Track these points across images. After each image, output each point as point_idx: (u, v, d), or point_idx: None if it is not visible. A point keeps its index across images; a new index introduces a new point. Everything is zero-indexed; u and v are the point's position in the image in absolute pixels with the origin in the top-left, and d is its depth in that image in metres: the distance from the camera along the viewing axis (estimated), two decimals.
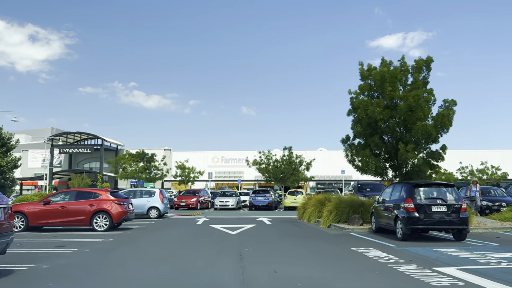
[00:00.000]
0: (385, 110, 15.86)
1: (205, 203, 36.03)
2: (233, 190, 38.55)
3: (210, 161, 71.33)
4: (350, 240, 13.79)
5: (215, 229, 17.45)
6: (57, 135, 67.34)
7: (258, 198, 33.71)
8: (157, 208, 23.99)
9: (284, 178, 38.32)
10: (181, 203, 33.97)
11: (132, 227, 18.41)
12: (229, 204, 34.07)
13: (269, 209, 33.92)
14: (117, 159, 44.68)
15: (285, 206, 34.23)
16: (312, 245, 12.53)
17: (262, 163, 39.15)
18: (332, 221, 17.60)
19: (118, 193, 18.03)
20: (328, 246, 12.36)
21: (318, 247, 12.10)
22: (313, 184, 70.67)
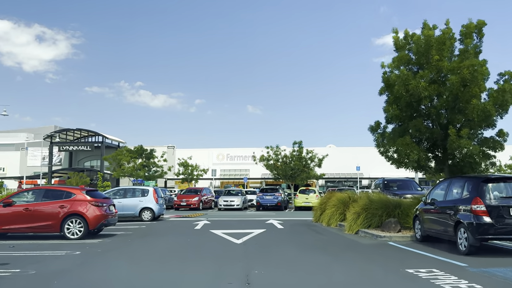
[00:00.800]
0: (431, 86, 12.27)
1: (208, 202, 32.59)
2: (239, 189, 35.10)
3: (215, 158, 67.86)
4: (396, 254, 10.23)
5: (216, 236, 13.96)
6: (56, 132, 64.17)
7: (266, 197, 30.19)
8: (150, 209, 20.54)
9: (294, 175, 34.80)
10: (182, 203, 30.53)
11: (116, 233, 14.95)
12: (234, 204, 30.59)
13: (278, 209, 30.41)
14: (113, 155, 41.28)
15: (295, 206, 30.71)
16: (348, 264, 8.97)
17: (270, 159, 35.63)
18: (360, 226, 14.05)
19: (97, 193, 14.55)
20: (371, 266, 8.75)
21: (358, 268, 8.52)
22: (322, 182, 67.06)
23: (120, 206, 20.36)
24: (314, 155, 35.39)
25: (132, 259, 9.79)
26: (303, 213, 26.23)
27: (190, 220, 21.29)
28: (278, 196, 30.24)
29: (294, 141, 35.79)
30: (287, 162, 34.88)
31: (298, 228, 16.56)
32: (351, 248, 11.34)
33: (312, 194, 30.59)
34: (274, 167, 35.35)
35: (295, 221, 20.12)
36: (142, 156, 39.96)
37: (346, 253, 10.54)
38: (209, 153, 67.88)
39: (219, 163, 67.72)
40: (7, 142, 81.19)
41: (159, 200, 21.12)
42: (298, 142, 35.75)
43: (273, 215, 24.90)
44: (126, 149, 42.33)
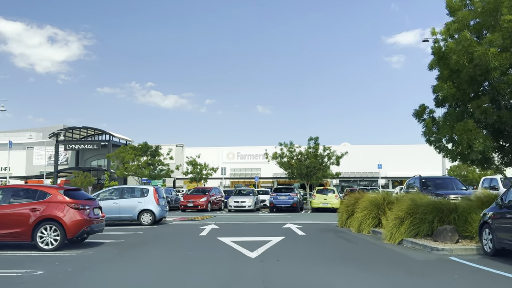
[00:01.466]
0: (502, 54, 9.37)
1: (217, 203, 29.85)
2: (250, 188, 32.28)
3: (225, 157, 65.16)
4: (470, 276, 7.37)
5: (224, 245, 11.19)
6: (62, 130, 61.91)
7: (281, 198, 27.36)
8: (150, 212, 17.82)
9: (309, 174, 31.95)
10: (188, 203, 27.81)
11: (103, 241, 12.24)
12: (246, 205, 27.81)
13: (294, 211, 27.56)
14: (117, 152, 38.72)
15: (312, 207, 27.83)
16: None
17: (284, 157, 32.79)
18: (405, 235, 11.17)
19: (79, 193, 11.81)
20: None
21: None
22: (336, 182, 64.09)
23: (116, 208, 17.78)
24: (332, 152, 32.49)
25: (116, 282, 7.05)
26: (323, 216, 23.36)
27: (196, 223, 18.55)
28: (294, 197, 27.39)
29: (310, 137, 32.98)
30: (302, 159, 32.03)
31: (324, 235, 13.72)
32: (404, 265, 8.48)
33: (331, 194, 27.70)
34: (288, 165, 32.51)
35: (317, 226, 17.26)
36: (147, 153, 37.31)
37: (401, 274, 7.67)
38: (219, 151, 65.21)
39: (229, 162, 64.97)
40: (14, 141, 79.20)
41: (161, 201, 18.40)
42: (314, 138, 32.92)
43: (290, 217, 22.08)
44: (130, 146, 39.75)
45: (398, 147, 66.35)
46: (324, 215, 24.24)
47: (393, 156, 64.63)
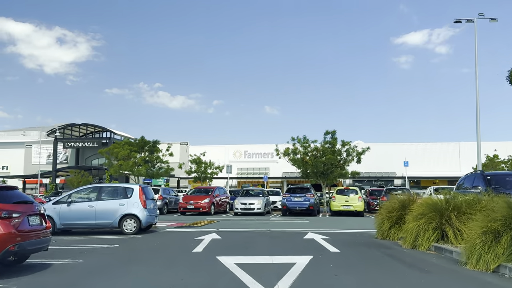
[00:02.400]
0: None
1: (221, 205, 25.97)
2: (259, 189, 28.34)
3: (232, 155, 61.27)
4: None
5: (225, 272, 7.25)
6: (60, 127, 58.37)
7: (295, 199, 23.41)
8: (134, 217, 13.91)
9: (326, 172, 27.98)
10: (188, 205, 23.94)
11: (52, 261, 8.35)
12: (254, 208, 23.89)
13: (310, 215, 23.61)
14: (110, 148, 34.83)
15: (332, 210, 23.81)
16: None
17: (297, 153, 28.83)
18: (504, 258, 7.15)
19: (8, 193, 7.92)
20: None
21: None
22: (349, 182, 59.97)
23: (92, 212, 13.90)
24: (352, 147, 28.45)
25: None
26: (347, 221, 19.37)
27: (193, 231, 14.64)
28: (310, 198, 23.41)
29: (326, 130, 28.98)
30: (318, 156, 28.04)
31: (366, 253, 9.71)
32: None
33: (353, 195, 23.67)
34: (301, 163, 28.53)
35: (348, 236, 13.26)
36: (144, 149, 33.36)
37: None
38: (225, 150, 61.34)
39: (236, 160, 61.07)
40: (13, 140, 75.92)
41: (149, 203, 14.48)
42: (331, 132, 28.91)
43: (308, 223, 18.12)
44: (125, 141, 35.90)
45: (414, 145, 61.96)
46: (347, 220, 20.26)
47: (409, 155, 60.42)
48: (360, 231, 14.45)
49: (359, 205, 23.17)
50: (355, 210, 23.16)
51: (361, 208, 23.23)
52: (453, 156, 60.78)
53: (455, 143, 60.05)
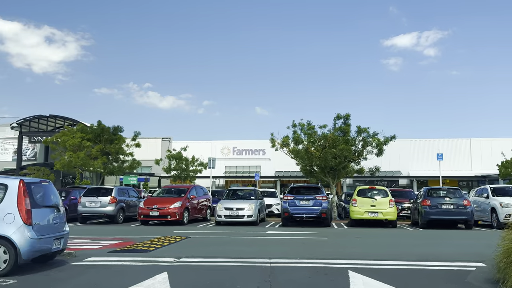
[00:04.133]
0: None
1: (200, 210, 18.94)
2: (251, 188, 21.07)
3: (219, 152, 54.13)
4: None
5: None
6: (26, 119, 50.72)
7: (301, 203, 16.43)
8: (7, 242, 6.89)
9: (338, 167, 21.07)
10: (152, 212, 16.80)
11: None
12: (244, 214, 16.85)
13: (322, 224, 16.73)
14: (57, 136, 27.26)
15: (353, 218, 16.77)
16: None
17: (300, 142, 21.87)
18: None
19: None
20: None
21: None
22: (349, 182, 53.21)
23: None
24: (372, 135, 21.49)
25: None
26: (387, 235, 12.44)
27: (130, 265, 7.62)
28: (322, 201, 16.42)
29: (337, 114, 21.94)
30: (326, 146, 21.16)
31: None
32: None
33: (382, 197, 16.72)
34: (306, 155, 21.58)
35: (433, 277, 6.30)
36: (101, 138, 25.78)
37: None
38: (212, 146, 54.20)
39: (224, 158, 54.02)
40: None
41: (41, 215, 7.41)
42: (343, 116, 21.99)
43: (329, 242, 11.17)
44: (78, 128, 28.46)
45: (418, 142, 54.85)
46: (385, 234, 13.36)
47: (415, 151, 53.91)
48: (440, 265, 7.57)
49: (391, 212, 16.29)
50: (385, 218, 16.28)
51: (393, 215, 16.38)
52: (464, 153, 54.30)
53: (466, 139, 53.66)
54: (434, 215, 15.90)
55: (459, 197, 16.15)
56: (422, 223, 16.23)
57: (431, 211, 15.95)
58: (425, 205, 16.12)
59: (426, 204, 16.10)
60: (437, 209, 15.92)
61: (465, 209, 15.79)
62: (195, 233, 14.07)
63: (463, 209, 15.80)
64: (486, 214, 16.52)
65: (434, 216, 15.90)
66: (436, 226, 16.48)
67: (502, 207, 15.42)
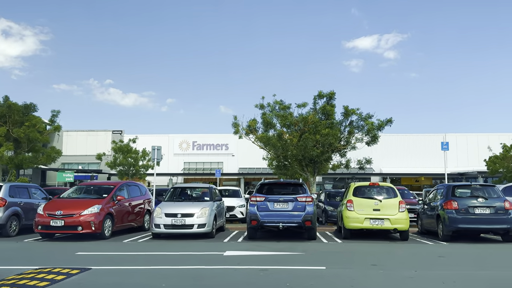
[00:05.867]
0: None
1: (137, 215, 13.38)
2: (204, 186, 15.18)
3: (177, 147, 48.31)
4: None
5: None
6: None
7: (276, 207, 11.22)
8: None
9: (320, 159, 15.97)
10: (53, 221, 11.14)
11: None
12: (193, 223, 11.46)
13: (305, 237, 11.66)
14: None
15: (347, 227, 11.65)
16: None
17: (272, 127, 16.58)
18: None
19: None
20: None
21: None
22: (318, 180, 48.47)
23: None
24: (365, 117, 16.43)
25: None
26: (408, 256, 7.30)
27: None
28: (306, 204, 11.24)
29: (319, 92, 16.96)
30: (306, 131, 16.03)
31: None
32: None
33: (389, 199, 11.70)
34: (280, 144, 16.37)
35: None
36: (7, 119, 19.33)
37: None
38: (169, 140, 48.31)
39: (182, 153, 48.24)
40: None
41: None
42: (326, 94, 16.96)
43: (335, 279, 5.93)
44: None
45: (389, 137, 50.01)
46: (409, 255, 8.26)
47: (389, 149, 49.92)
48: None
49: (402, 219, 11.33)
50: (394, 228, 11.29)
51: (405, 224, 11.41)
52: (437, 149, 50.69)
53: (439, 135, 50.01)
54: (463, 223, 11.05)
55: (497, 198, 11.35)
56: (445, 234, 11.36)
57: (458, 218, 11.09)
58: (449, 209, 11.23)
59: (451, 208, 11.21)
60: (467, 215, 11.08)
61: (507, 214, 11.02)
62: (108, 257, 8.60)
63: (504, 215, 11.01)
64: None
65: (463, 224, 11.05)
66: (460, 238, 11.70)
67: None
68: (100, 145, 46.27)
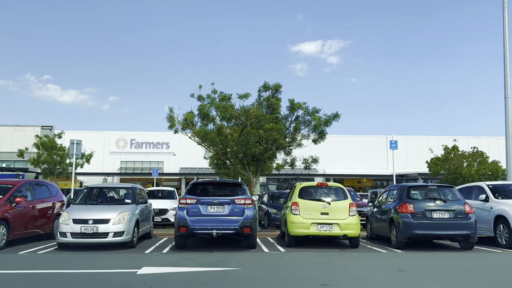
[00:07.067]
0: None
1: (45, 221, 11.06)
2: (126, 185, 12.35)
3: (114, 145, 45.13)
4: None
5: None
6: None
7: (210, 211, 9.49)
8: None
9: (263, 157, 14.35)
10: None
11: None
12: (107, 231, 9.42)
13: (244, 245, 9.97)
14: None
15: (293, 234, 10.12)
16: None
17: (211, 120, 14.76)
18: None
19: None
20: None
21: None
22: (262, 180, 47.31)
23: None
24: (312, 111, 15.01)
25: None
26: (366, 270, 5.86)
27: None
28: (245, 207, 9.55)
29: (265, 83, 15.32)
30: (248, 125, 14.38)
31: None
32: None
33: (339, 201, 10.28)
34: (218, 138, 14.56)
35: None
36: None
37: None
38: (105, 137, 45.02)
39: (119, 151, 45.12)
40: None
41: None
42: (272, 86, 15.42)
43: None
44: None
45: (332, 138, 49.38)
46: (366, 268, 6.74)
47: (333, 149, 49.61)
48: None
49: (353, 224, 9.94)
50: (343, 234, 9.87)
51: (356, 229, 10.02)
52: (379, 151, 51.15)
53: (382, 136, 50.41)
54: (420, 228, 9.81)
55: (456, 200, 10.23)
56: (400, 241, 10.09)
57: (414, 222, 9.85)
58: (405, 213, 9.97)
59: (407, 211, 9.95)
60: (424, 219, 9.86)
61: (467, 218, 9.91)
62: None
63: (464, 219, 9.89)
64: (486, 226, 10.82)
65: (420, 230, 9.81)
66: (415, 244, 10.51)
67: None
68: (27, 142, 42.20)
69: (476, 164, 28.95)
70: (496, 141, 46.43)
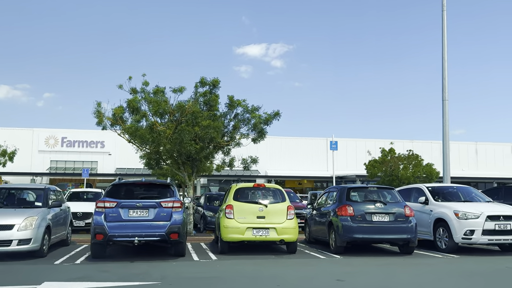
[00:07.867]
0: None
1: None
2: (37, 186, 10.23)
3: (43, 143, 42.01)
4: None
5: None
6: None
7: (132, 216, 8.37)
8: None
9: (199, 156, 13.44)
10: None
11: None
12: (11, 238, 8.07)
13: (171, 253, 8.97)
14: None
15: (226, 239, 9.27)
16: None
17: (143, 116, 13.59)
18: None
19: None
20: None
21: None
22: (203, 182, 46.22)
23: None
24: (251, 109, 14.27)
25: None
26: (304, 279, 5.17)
27: None
28: (173, 211, 8.56)
29: (201, 78, 14.40)
30: (182, 122, 13.33)
31: None
32: None
33: (276, 203, 9.57)
34: (150, 136, 13.40)
35: None
36: None
37: None
38: (34, 134, 41.84)
39: (49, 150, 42.03)
40: None
41: None
42: (209, 82, 14.47)
43: None
44: None
45: (274, 140, 48.93)
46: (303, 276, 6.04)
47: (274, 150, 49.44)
48: None
49: (291, 228, 9.27)
50: (280, 239, 9.17)
51: (294, 233, 9.36)
52: (319, 153, 51.66)
53: (323, 139, 50.92)
54: (360, 232, 9.32)
55: (396, 203, 9.85)
56: (338, 245, 9.55)
57: (354, 226, 9.34)
58: (344, 216, 9.44)
59: (346, 214, 9.43)
60: (364, 223, 9.38)
61: (408, 222, 9.55)
62: None
63: (404, 223, 9.52)
64: (425, 230, 10.56)
65: (360, 234, 9.32)
66: (353, 249, 10.02)
67: (459, 219, 9.54)
68: None
69: (411, 166, 29.68)
70: (430, 145, 48.27)
